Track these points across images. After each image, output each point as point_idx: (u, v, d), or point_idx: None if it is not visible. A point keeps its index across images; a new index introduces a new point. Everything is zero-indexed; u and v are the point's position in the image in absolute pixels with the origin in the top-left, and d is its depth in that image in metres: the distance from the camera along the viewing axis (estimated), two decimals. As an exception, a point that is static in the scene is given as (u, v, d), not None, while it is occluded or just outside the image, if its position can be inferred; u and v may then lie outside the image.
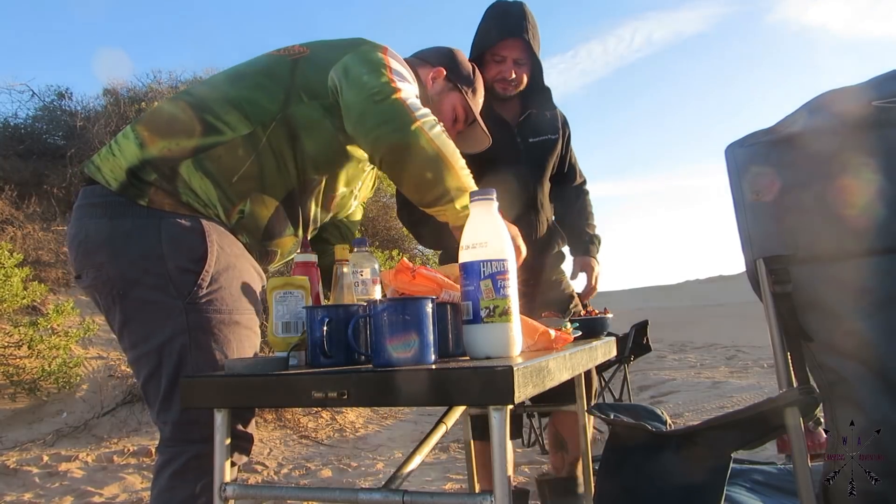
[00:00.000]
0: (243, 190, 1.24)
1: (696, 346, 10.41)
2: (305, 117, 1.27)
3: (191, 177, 1.21)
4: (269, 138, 1.25)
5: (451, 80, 1.55)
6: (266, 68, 1.32)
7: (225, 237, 1.23)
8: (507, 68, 1.98)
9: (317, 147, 1.29)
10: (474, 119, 1.59)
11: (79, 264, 1.23)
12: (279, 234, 1.32)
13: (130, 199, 1.19)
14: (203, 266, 1.18)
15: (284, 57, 1.32)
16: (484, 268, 0.94)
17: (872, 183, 1.08)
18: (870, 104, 1.07)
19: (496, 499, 0.79)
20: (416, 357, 0.89)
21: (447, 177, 1.21)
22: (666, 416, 1.61)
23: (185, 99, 1.30)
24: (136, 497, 2.98)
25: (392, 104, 1.19)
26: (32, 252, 5.23)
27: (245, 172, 1.23)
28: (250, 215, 1.26)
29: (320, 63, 1.29)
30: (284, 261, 1.42)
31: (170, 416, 1.19)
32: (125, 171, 1.20)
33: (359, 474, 3.45)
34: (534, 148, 2.11)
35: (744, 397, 5.28)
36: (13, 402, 3.94)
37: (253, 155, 1.24)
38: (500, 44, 1.96)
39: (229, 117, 1.24)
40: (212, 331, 1.18)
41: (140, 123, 1.26)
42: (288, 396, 0.92)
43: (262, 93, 1.27)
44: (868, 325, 1.07)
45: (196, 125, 1.23)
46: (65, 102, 7.26)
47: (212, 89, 1.30)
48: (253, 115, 1.24)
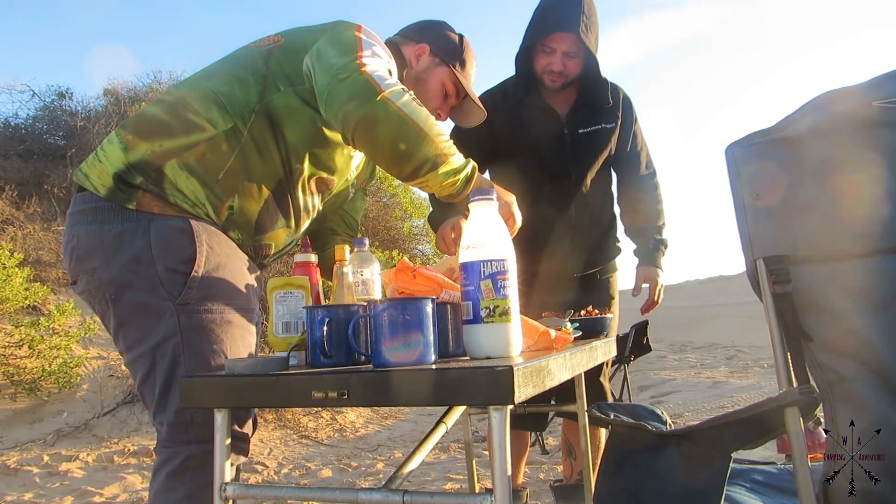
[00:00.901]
0: (230, 186, 1.24)
1: (696, 346, 10.40)
2: (284, 106, 1.26)
3: (177, 177, 1.21)
4: (251, 131, 1.24)
5: (437, 54, 1.52)
6: (241, 61, 1.31)
7: (215, 236, 1.23)
8: (556, 60, 1.93)
9: (298, 135, 1.28)
10: (466, 93, 1.55)
11: (73, 271, 1.24)
12: (271, 226, 1.32)
13: (119, 204, 1.19)
14: (192, 267, 1.18)
15: (259, 47, 1.32)
16: (484, 268, 0.94)
17: (872, 183, 1.08)
18: (870, 104, 1.07)
19: (496, 499, 0.79)
20: (416, 357, 0.89)
21: (422, 145, 1.17)
22: (666, 416, 1.61)
23: (165, 99, 1.30)
24: (136, 497, 2.98)
25: (356, 79, 1.16)
26: (33, 252, 5.24)
27: (230, 168, 1.23)
28: (240, 211, 1.26)
29: (295, 49, 1.28)
30: (280, 253, 1.41)
31: (166, 416, 1.20)
32: (112, 177, 1.21)
33: (359, 474, 3.45)
34: (584, 139, 2.05)
35: (744, 397, 5.28)
36: (14, 402, 3.94)
37: (236, 149, 1.23)
38: (550, 36, 1.91)
39: (210, 113, 1.23)
40: (204, 331, 1.19)
41: (123, 128, 1.27)
42: (288, 396, 0.92)
43: (238, 86, 1.26)
44: (868, 324, 1.07)
45: (178, 124, 1.23)
46: (65, 102, 7.27)
47: (191, 87, 1.30)
48: (232, 109, 1.24)
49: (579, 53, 1.94)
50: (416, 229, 7.85)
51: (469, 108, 1.59)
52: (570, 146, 2.05)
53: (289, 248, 1.43)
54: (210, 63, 1.36)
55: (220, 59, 1.36)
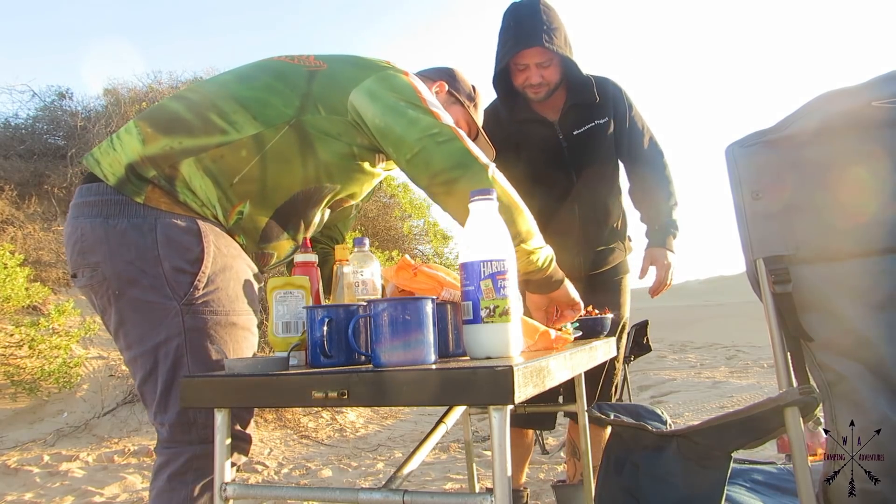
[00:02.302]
0: (244, 191, 1.23)
1: (696, 346, 10.41)
2: (321, 129, 1.25)
3: (192, 176, 1.20)
4: (278, 142, 1.23)
5: (453, 93, 1.57)
6: (279, 73, 1.30)
7: (222, 238, 1.23)
8: (533, 73, 1.95)
9: (331, 158, 1.28)
10: (478, 132, 1.62)
11: (74, 264, 1.23)
12: (276, 237, 1.32)
13: (127, 197, 1.18)
14: (199, 267, 1.17)
15: (300, 66, 1.31)
16: (484, 267, 0.94)
17: (873, 183, 1.08)
18: (870, 104, 1.07)
19: (496, 499, 0.79)
20: (416, 357, 0.89)
21: (518, 221, 1.21)
22: (666, 416, 1.62)
23: (189, 96, 1.28)
24: (136, 497, 2.98)
25: (456, 146, 1.21)
26: (33, 252, 5.24)
27: (247, 174, 1.22)
28: (249, 217, 1.26)
29: (340, 80, 1.28)
30: (279, 263, 1.42)
31: (167, 417, 1.19)
32: (124, 167, 1.19)
33: (359, 474, 3.45)
34: (580, 139, 2.07)
35: (744, 397, 5.29)
36: (14, 402, 3.94)
37: (257, 157, 1.23)
38: (518, 54, 1.94)
39: (237, 116, 1.22)
40: (208, 332, 1.18)
41: (143, 119, 1.25)
42: (288, 396, 0.92)
43: (274, 96, 1.25)
44: (868, 324, 1.07)
45: (199, 124, 1.22)
46: (65, 102, 7.27)
47: (219, 87, 1.29)
48: (262, 117, 1.23)
49: (552, 60, 1.96)
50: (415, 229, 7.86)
51: (481, 146, 1.62)
52: (566, 149, 2.07)
53: (287, 258, 1.43)
54: (239, 66, 1.36)
55: (253, 65, 1.35)
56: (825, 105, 1.11)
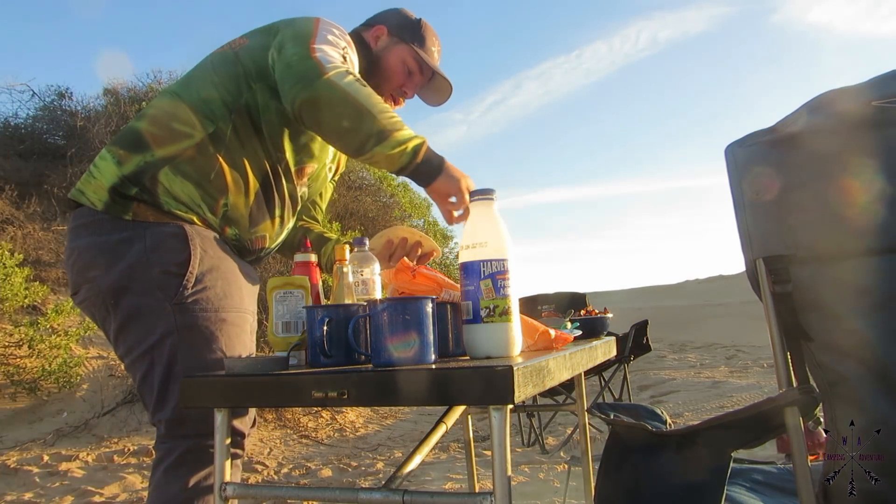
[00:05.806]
0: (222, 184, 1.29)
1: (696, 346, 10.41)
2: (257, 102, 1.32)
3: (171, 183, 1.26)
4: (233, 131, 1.30)
5: (394, 34, 1.56)
6: (213, 66, 1.37)
7: (208, 241, 1.28)
8: None
9: (272, 127, 1.34)
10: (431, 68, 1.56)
11: (75, 283, 1.29)
12: (262, 219, 1.37)
13: (116, 216, 1.24)
14: (187, 268, 1.22)
15: (227, 51, 1.37)
16: (484, 267, 0.94)
17: (872, 183, 1.07)
18: (870, 104, 1.07)
19: (496, 499, 0.79)
20: (416, 357, 0.89)
21: (365, 122, 1.22)
22: (666, 416, 1.62)
23: (149, 113, 1.34)
24: (136, 496, 2.98)
25: (304, 63, 1.23)
26: (33, 252, 5.24)
27: (219, 168, 1.29)
28: (233, 206, 1.31)
29: (259, 46, 1.34)
30: (275, 245, 1.45)
31: (164, 414, 1.22)
32: (107, 191, 1.25)
33: (359, 474, 3.45)
34: None
35: (744, 397, 5.29)
36: (13, 402, 3.94)
37: (222, 150, 1.29)
38: None
39: (194, 119, 1.29)
40: (200, 329, 1.22)
41: (114, 144, 1.32)
42: (288, 396, 0.92)
43: (214, 90, 1.31)
44: (868, 324, 1.07)
45: (165, 134, 1.28)
46: (65, 102, 7.27)
47: (171, 98, 1.35)
48: (212, 114, 1.30)
49: None
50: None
51: (438, 85, 1.62)
52: None
53: (282, 242, 1.48)
54: (187, 71, 1.42)
55: (195, 68, 1.41)
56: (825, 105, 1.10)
